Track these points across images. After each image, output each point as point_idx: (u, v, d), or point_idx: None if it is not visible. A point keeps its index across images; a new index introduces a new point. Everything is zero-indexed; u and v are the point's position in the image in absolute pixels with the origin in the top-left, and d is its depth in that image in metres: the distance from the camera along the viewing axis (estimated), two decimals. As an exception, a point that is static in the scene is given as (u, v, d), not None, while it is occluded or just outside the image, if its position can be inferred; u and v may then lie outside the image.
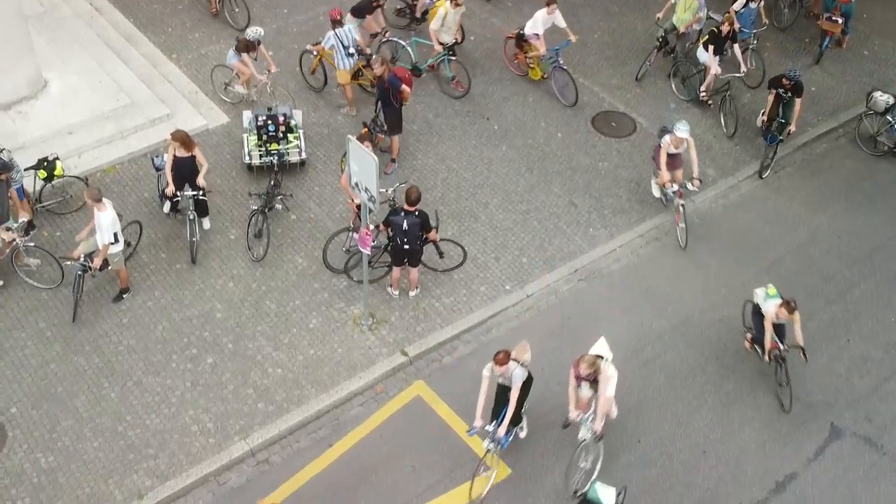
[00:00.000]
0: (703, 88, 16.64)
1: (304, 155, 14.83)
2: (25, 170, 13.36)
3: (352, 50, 15.45)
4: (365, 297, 12.72)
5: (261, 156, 14.57)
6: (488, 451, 10.87)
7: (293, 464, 11.36)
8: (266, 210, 13.65)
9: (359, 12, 16.29)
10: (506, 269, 13.89)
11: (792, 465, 11.65)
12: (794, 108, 15.34)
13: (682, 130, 13.73)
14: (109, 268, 12.49)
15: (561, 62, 16.43)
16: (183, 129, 14.92)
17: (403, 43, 16.72)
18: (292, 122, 14.80)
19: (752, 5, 17.05)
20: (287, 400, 11.91)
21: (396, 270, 12.99)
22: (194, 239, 13.27)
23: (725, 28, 16.06)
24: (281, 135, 14.63)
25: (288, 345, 12.56)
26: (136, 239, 13.48)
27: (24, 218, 12.48)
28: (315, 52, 15.97)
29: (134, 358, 12.24)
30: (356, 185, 11.51)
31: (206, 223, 13.92)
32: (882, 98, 16.12)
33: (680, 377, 12.60)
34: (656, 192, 14.77)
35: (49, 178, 13.58)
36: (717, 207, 15.28)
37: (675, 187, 14.17)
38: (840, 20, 17.93)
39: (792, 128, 15.47)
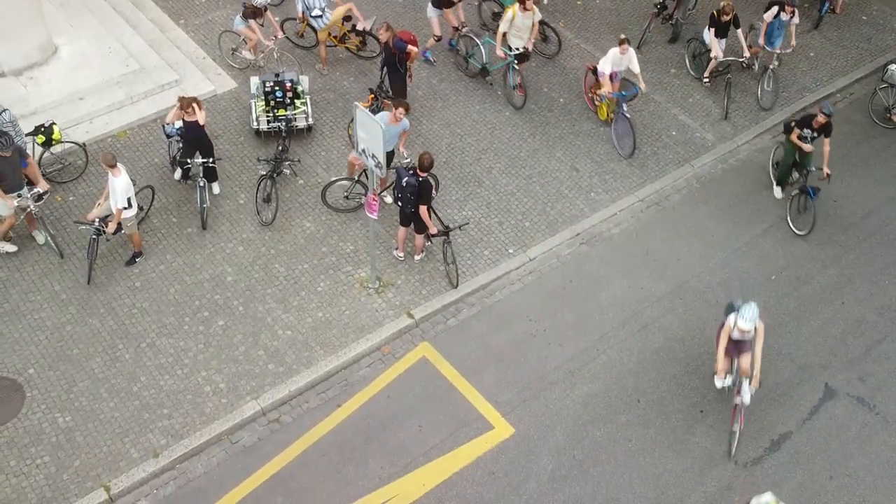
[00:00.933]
0: (705, 74, 16.31)
1: (310, 120, 14.73)
2: (27, 135, 13.24)
3: (317, 12, 15.39)
4: (372, 260, 12.72)
5: (268, 121, 14.47)
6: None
7: (303, 423, 11.43)
8: (274, 175, 13.59)
9: (438, 3, 15.84)
10: (509, 233, 13.87)
11: (787, 424, 11.73)
12: (824, 150, 13.59)
13: (747, 320, 10.60)
14: (123, 231, 12.47)
15: (625, 109, 14.83)
16: (191, 94, 14.91)
17: (478, 41, 16.04)
18: (299, 88, 14.68)
19: (784, 17, 15.52)
20: (296, 361, 11.96)
21: (402, 231, 12.97)
22: (205, 205, 13.22)
23: (726, 18, 15.52)
24: (288, 101, 14.52)
25: (297, 307, 12.57)
26: (148, 203, 13.44)
27: (39, 188, 12.37)
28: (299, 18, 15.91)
29: (147, 320, 12.27)
30: (363, 151, 11.45)
31: (216, 188, 13.88)
32: None
33: (678, 339, 12.64)
34: (719, 384, 11.51)
35: (48, 144, 13.41)
36: (716, 171, 15.22)
37: (731, 380, 11.43)
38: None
39: (826, 170, 13.49)
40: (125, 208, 12.03)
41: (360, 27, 15.93)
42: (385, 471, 10.99)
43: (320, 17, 15.58)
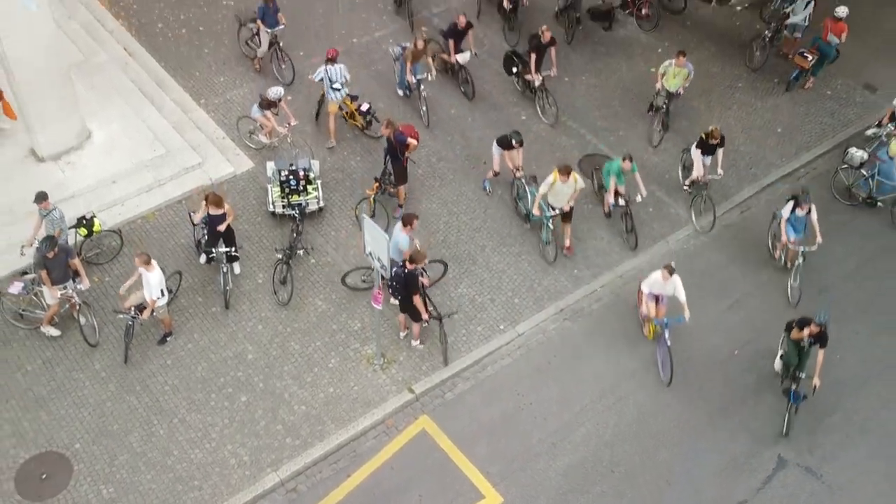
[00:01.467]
0: (686, 182, 17.41)
1: (321, 203, 16.12)
2: (70, 227, 14.62)
3: (337, 85, 16.80)
4: (377, 338, 14.12)
5: (283, 206, 15.85)
6: None
7: (317, 492, 12.84)
8: (289, 260, 14.98)
9: (501, 143, 16.27)
10: (500, 309, 15.26)
11: (743, 492, 13.14)
12: (817, 360, 13.41)
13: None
14: (155, 315, 13.86)
15: (667, 336, 14.04)
16: (213, 175, 16.36)
17: (526, 187, 16.25)
18: (311, 175, 16.05)
19: (800, 213, 15.27)
20: (311, 434, 13.37)
21: (401, 316, 14.35)
22: (227, 287, 14.63)
23: (714, 141, 16.27)
24: (301, 187, 15.90)
25: (311, 383, 13.98)
26: (176, 286, 14.83)
27: (82, 285, 13.72)
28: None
29: (178, 397, 13.68)
30: (370, 253, 12.84)
31: (237, 268, 15.27)
32: (857, 154, 17.18)
33: (650, 412, 14.03)
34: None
35: (89, 235, 14.81)
36: (689, 247, 16.59)
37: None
38: (811, 58, 19.02)
39: (817, 382, 13.40)
40: (159, 298, 13.43)
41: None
42: (390, 537, 12.43)
43: (339, 90, 16.94)
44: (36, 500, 12.35)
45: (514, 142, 16.05)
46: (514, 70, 18.80)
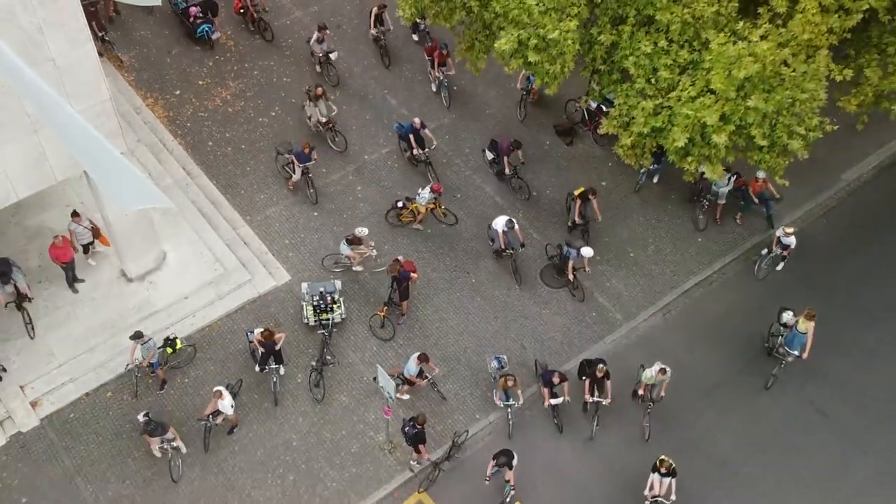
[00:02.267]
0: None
1: (344, 315, 21.11)
2: (158, 348, 19.57)
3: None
4: (387, 429, 19.26)
5: (315, 321, 20.83)
6: None
7: (346, 549, 18.12)
8: (321, 367, 20.05)
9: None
10: (477, 401, 20.38)
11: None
12: None
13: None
14: (226, 418, 18.99)
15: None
16: (260, 289, 21.25)
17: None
18: (336, 296, 20.97)
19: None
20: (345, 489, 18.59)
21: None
22: (276, 389, 19.74)
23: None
24: (329, 307, 20.85)
25: (339, 465, 19.14)
26: (238, 387, 19.91)
27: (178, 444, 18.47)
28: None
29: (244, 476, 18.90)
30: (382, 387, 17.92)
31: (282, 370, 20.32)
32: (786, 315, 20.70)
33: None
34: None
35: (174, 351, 19.81)
36: (620, 347, 21.63)
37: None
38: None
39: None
40: (231, 408, 18.55)
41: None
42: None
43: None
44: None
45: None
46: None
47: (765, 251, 22.60)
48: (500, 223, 21.71)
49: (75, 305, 20.89)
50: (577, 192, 22.46)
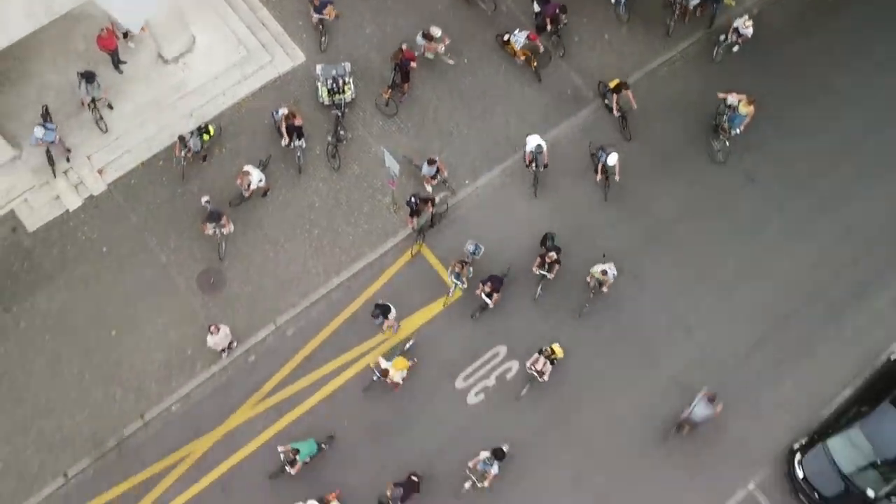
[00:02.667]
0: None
1: (354, 96, 24.49)
2: (191, 132, 22.97)
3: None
4: (392, 195, 23.44)
5: (329, 101, 24.26)
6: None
7: (352, 292, 22.87)
8: (336, 141, 23.81)
9: None
10: (465, 171, 24.33)
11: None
12: None
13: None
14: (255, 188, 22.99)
15: None
16: (279, 72, 24.50)
17: None
18: (347, 78, 24.18)
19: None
20: (357, 253, 23.11)
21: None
22: (300, 161, 23.66)
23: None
24: (341, 89, 24.15)
25: (354, 223, 23.46)
26: (268, 161, 23.72)
27: (227, 230, 22.31)
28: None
29: (279, 231, 23.27)
30: (387, 166, 21.77)
31: (303, 143, 24.05)
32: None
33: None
34: None
35: (210, 136, 23.20)
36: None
37: None
38: None
39: None
40: (260, 181, 22.51)
41: None
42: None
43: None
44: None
45: None
46: None
47: (723, 37, 25.50)
48: (531, 143, 23.12)
49: (122, 85, 24.15)
50: (612, 85, 24.05)
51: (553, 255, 21.89)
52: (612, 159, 22.68)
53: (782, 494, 21.41)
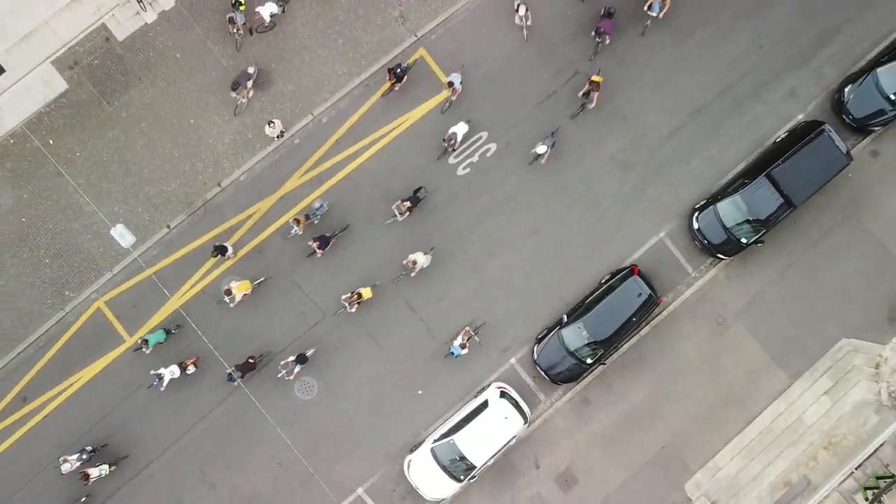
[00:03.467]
0: None
1: (366, -77, 29.70)
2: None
3: None
4: (401, 12, 29.46)
5: (348, -71, 29.51)
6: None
7: (370, 89, 29.59)
8: (354, -35, 29.41)
9: None
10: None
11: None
12: None
13: None
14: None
15: None
16: None
17: None
18: (361, -90, 29.28)
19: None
20: (373, 58, 29.61)
21: None
22: (326, -18, 29.43)
23: None
24: (356, -80, 29.32)
25: (370, 32, 29.65)
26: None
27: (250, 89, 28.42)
28: None
29: (312, 40, 29.65)
30: None
31: None
32: None
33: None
34: None
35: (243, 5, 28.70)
36: None
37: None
38: None
39: None
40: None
41: None
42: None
43: None
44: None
45: None
46: None
47: None
48: None
49: (177, -86, 29.30)
50: None
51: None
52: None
53: (685, 241, 29.57)
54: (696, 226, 28.99)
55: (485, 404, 27.91)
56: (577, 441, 29.11)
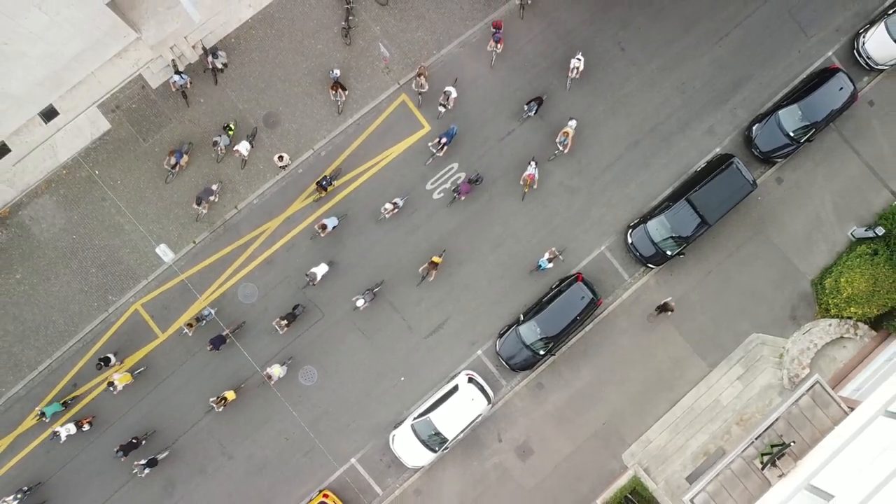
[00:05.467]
0: None
1: (358, -10, 35.25)
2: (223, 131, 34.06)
3: None
4: (386, 66, 34.95)
5: (342, -4, 35.06)
6: None
7: (360, 127, 35.02)
8: (348, 27, 34.88)
9: None
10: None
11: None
12: None
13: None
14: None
15: None
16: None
17: None
18: (353, -20, 34.82)
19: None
20: (363, 102, 35.05)
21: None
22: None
23: None
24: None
25: (361, 79, 35.10)
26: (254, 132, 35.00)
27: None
28: None
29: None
30: (382, 52, 33.21)
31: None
32: None
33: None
34: None
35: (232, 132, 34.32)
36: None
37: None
38: None
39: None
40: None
41: None
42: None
43: None
44: (272, 131, 34.81)
45: None
46: None
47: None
48: None
49: (201, -16, 34.74)
50: None
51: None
52: None
53: (622, 253, 35.02)
54: (630, 240, 34.41)
55: (455, 388, 33.25)
56: (533, 419, 34.45)
